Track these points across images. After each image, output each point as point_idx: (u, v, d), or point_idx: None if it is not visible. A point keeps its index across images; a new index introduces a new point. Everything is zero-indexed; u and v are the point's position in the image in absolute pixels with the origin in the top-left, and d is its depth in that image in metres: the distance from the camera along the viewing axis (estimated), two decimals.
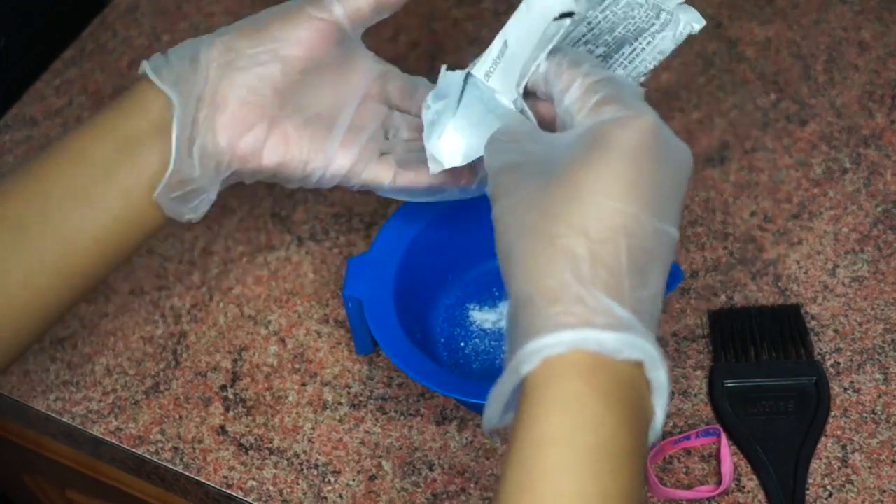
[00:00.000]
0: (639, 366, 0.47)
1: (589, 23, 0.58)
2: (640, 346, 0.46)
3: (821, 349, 0.70)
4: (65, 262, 0.61)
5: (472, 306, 0.75)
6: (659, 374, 0.47)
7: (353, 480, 0.68)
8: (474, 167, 0.62)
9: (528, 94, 0.57)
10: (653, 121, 0.48)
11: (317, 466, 0.69)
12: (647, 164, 0.47)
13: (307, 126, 0.61)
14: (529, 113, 0.56)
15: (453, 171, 0.61)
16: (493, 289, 0.75)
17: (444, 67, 0.59)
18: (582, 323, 0.46)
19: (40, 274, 0.60)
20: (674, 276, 0.64)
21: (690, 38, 0.58)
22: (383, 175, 0.63)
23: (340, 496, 0.68)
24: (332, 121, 0.62)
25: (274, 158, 0.61)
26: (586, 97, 0.51)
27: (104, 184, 0.60)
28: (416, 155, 0.62)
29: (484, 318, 0.74)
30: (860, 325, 0.71)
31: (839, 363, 0.70)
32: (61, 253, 0.61)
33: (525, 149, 0.51)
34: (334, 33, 0.61)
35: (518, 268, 0.48)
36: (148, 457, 0.71)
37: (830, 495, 0.65)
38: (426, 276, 0.72)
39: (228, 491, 0.69)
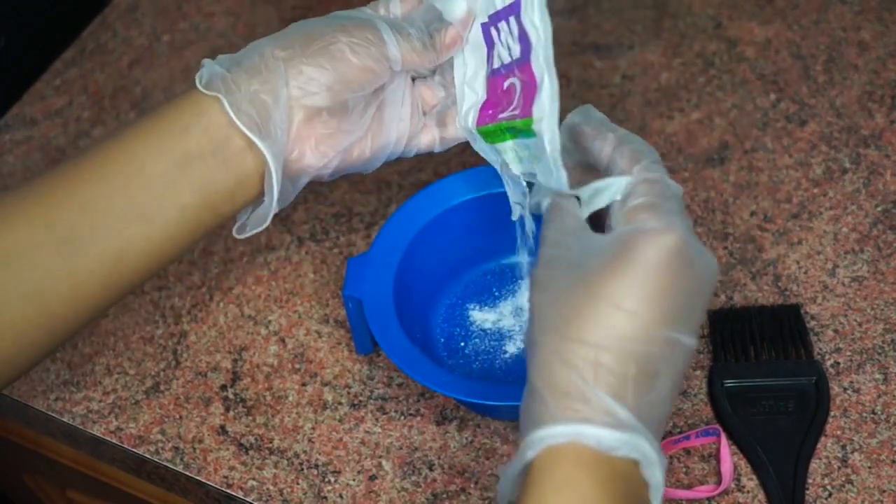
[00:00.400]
0: (637, 464, 0.49)
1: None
2: (636, 446, 0.49)
3: (820, 349, 0.70)
4: (113, 274, 0.61)
5: (472, 306, 0.75)
6: (654, 474, 0.50)
7: (353, 480, 0.68)
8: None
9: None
10: (680, 237, 0.50)
11: (317, 466, 0.69)
12: (665, 279, 0.50)
13: (364, 119, 0.65)
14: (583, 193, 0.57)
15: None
16: (493, 289, 0.75)
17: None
18: (582, 419, 0.49)
19: (87, 286, 0.60)
20: None
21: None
22: (430, 141, 0.68)
23: (340, 496, 0.68)
24: (383, 107, 0.65)
25: (335, 162, 0.64)
26: (631, 198, 0.53)
27: (161, 201, 0.60)
28: (449, 112, 0.67)
29: (484, 318, 0.74)
30: (860, 325, 0.71)
31: (839, 363, 0.70)
32: (110, 266, 0.60)
33: (567, 244, 0.54)
34: (389, 71, 0.64)
35: (535, 361, 0.51)
36: (148, 457, 0.71)
37: (830, 495, 0.65)
38: (426, 276, 0.72)
39: (229, 491, 0.69)
